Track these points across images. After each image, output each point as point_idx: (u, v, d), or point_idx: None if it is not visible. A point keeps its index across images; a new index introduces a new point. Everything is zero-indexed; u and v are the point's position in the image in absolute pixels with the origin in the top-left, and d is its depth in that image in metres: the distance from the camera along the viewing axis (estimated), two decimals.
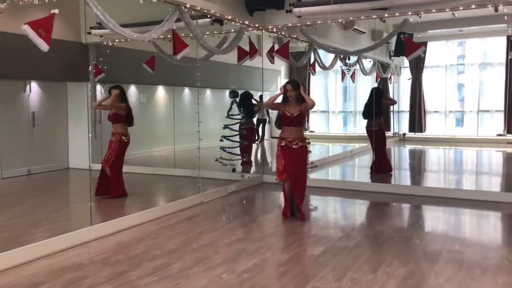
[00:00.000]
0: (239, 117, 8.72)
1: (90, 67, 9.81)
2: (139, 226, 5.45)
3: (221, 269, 4.08)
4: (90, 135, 9.97)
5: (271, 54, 8.10)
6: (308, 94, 15.34)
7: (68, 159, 10.38)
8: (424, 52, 7.71)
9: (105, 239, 4.97)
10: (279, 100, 5.87)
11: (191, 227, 5.41)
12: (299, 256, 4.45)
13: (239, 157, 8.79)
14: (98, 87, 10.66)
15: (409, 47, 6.80)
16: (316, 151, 15.02)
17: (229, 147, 8.67)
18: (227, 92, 10.54)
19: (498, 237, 5.33)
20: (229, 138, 8.70)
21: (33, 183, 8.89)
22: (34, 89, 9.62)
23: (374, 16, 7.23)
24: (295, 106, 5.70)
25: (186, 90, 13.04)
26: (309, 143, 8.35)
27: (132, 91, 11.61)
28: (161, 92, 12.45)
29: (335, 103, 15.61)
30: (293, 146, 5.67)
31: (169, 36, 8.48)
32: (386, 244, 4.80)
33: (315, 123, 15.45)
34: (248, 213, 6.17)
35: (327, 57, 11.41)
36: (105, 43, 9.62)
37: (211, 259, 4.33)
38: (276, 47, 8.47)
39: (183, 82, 12.27)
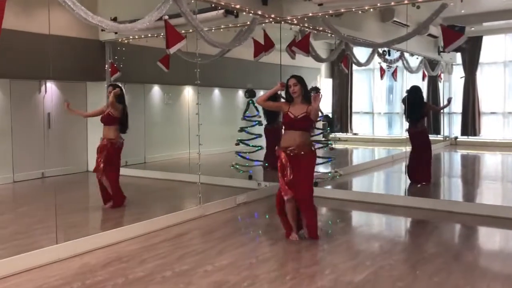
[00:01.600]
0: (257, 119, 7.86)
1: (106, 65, 9.36)
2: (116, 245, 4.76)
3: None
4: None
5: (290, 48, 7.19)
6: (351, 93, 14.45)
7: (87, 162, 9.99)
8: (466, 43, 6.56)
9: (69, 261, 4.31)
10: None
11: (174, 248, 4.65)
12: None
13: (258, 163, 7.95)
14: None
15: (447, 36, 5.69)
16: (358, 155, 13.99)
17: (245, 152, 7.86)
18: (261, 92, 9.73)
19: None
20: (245, 142, 7.89)
21: (41, 187, 8.52)
22: (50, 89, 9.26)
23: (406, 1, 6.17)
24: (301, 107, 4.80)
25: (216, 91, 12.41)
26: (332, 148, 7.48)
27: (156, 91, 11.12)
28: (188, 92, 11.85)
29: (380, 104, 14.48)
30: (297, 152, 4.74)
31: (183, 31, 7.91)
32: (402, 280, 3.82)
33: (359, 125, 14.43)
34: (249, 231, 5.31)
35: (369, 53, 10.36)
36: (120, 40, 9.12)
37: None
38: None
39: (211, 82, 11.64)
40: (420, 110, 7.74)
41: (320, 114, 7.02)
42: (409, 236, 5.35)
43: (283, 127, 4.91)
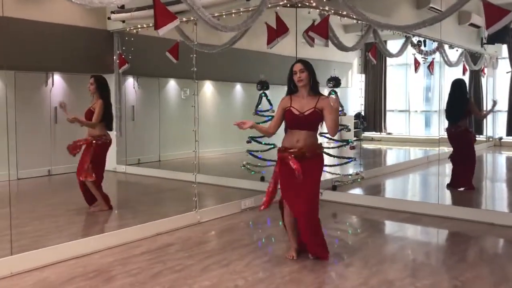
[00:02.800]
0: (270, 113, 7.05)
1: (115, 57, 8.80)
2: (88, 256, 4.09)
3: None
4: (115, 133, 9.09)
5: (307, 33, 6.35)
6: (385, 90, 13.45)
7: None
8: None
9: (25, 275, 3.66)
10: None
11: (152, 263, 3.93)
12: None
13: (270, 162, 7.13)
14: (131, 80, 9.68)
15: (490, 13, 4.72)
16: (390, 156, 12.99)
17: (257, 151, 7.09)
18: (284, 88, 8.97)
19: None
20: (257, 139, 7.11)
21: (44, 186, 8.03)
22: (57, 82, 8.79)
23: None
24: (308, 100, 3.94)
25: (238, 86, 11.69)
26: (353, 147, 6.56)
27: (172, 86, 10.51)
28: (208, 88, 11.20)
29: (417, 101, 13.46)
30: (300, 155, 3.87)
31: (192, 18, 7.25)
32: None
33: (393, 124, 13.46)
34: (246, 243, 4.51)
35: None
36: (128, 30, 8.52)
37: None
38: None
39: (231, 77, 10.96)
40: (461, 107, 6.73)
41: (340, 108, 6.18)
42: (440, 254, 4.42)
43: (287, 127, 4.06)
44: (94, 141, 5.48)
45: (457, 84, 6.87)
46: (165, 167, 9.56)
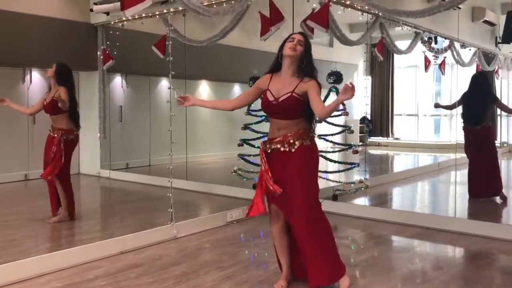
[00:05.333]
0: (263, 113, 6.29)
1: (99, 52, 8.12)
2: (31, 280, 3.36)
3: None
4: (98, 135, 8.42)
5: (305, 23, 5.62)
6: (392, 93, 12.73)
7: (79, 162, 8.80)
8: None
9: None
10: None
11: None
12: None
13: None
14: (118, 78, 9.01)
15: None
16: (397, 163, 12.29)
17: (249, 155, 6.36)
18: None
19: None
20: (250, 142, 6.39)
21: (14, 191, 7.36)
22: (35, 79, 8.13)
23: None
24: (289, 83, 3.07)
25: (236, 87, 10.99)
26: (356, 150, 5.75)
27: (164, 86, 9.81)
28: (204, 88, 10.51)
29: (426, 105, 12.79)
30: (281, 149, 3.04)
31: (180, 8, 6.61)
32: None
33: (401, 129, 12.80)
34: (224, 266, 3.75)
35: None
36: (112, 23, 7.83)
37: None
38: None
39: (232, 78, 10.27)
40: (482, 102, 5.96)
41: (341, 107, 5.45)
42: (460, 282, 3.64)
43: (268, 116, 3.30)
44: (62, 137, 4.82)
45: (479, 76, 6.20)
46: (155, 173, 8.84)
